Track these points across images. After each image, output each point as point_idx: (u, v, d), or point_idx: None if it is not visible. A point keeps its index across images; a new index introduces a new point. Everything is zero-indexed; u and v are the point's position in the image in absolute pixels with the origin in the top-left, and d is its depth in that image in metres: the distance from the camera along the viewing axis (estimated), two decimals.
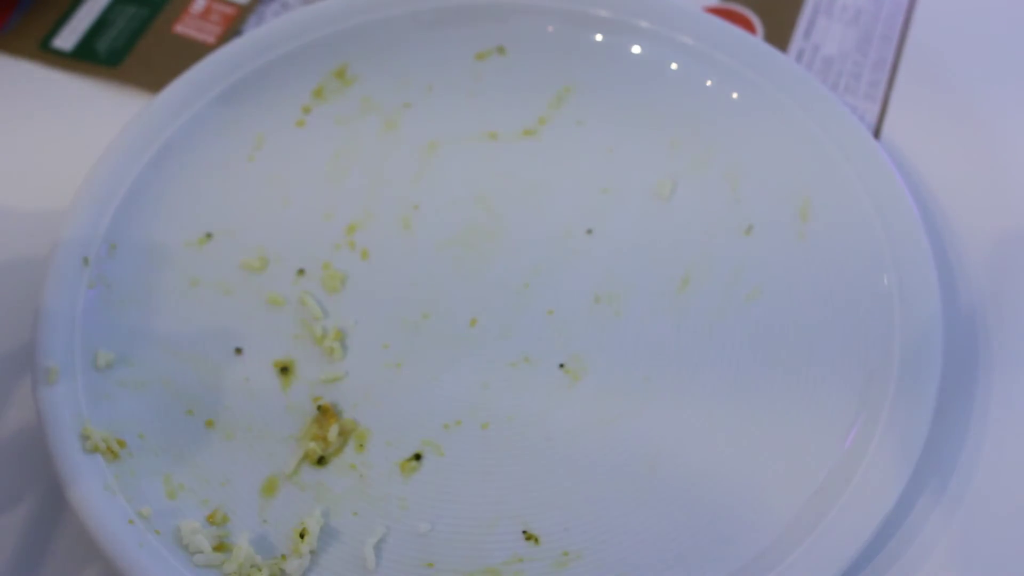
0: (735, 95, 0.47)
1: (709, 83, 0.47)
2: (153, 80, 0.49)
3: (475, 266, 0.44)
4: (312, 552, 0.37)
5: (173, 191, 0.45)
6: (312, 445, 0.39)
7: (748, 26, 0.51)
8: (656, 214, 0.45)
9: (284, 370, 0.41)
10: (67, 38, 0.51)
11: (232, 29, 0.51)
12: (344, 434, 0.40)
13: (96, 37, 0.51)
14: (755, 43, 0.47)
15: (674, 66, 0.47)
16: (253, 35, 0.47)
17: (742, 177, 0.45)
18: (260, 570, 0.36)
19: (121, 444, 0.38)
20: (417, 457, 0.40)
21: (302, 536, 0.37)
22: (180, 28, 0.51)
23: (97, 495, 0.36)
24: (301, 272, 0.44)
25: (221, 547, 0.37)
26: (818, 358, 0.41)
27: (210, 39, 0.51)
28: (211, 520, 0.38)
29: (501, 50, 0.49)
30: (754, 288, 0.43)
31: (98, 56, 0.50)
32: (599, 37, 0.48)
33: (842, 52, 0.51)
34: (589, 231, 0.45)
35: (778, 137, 0.45)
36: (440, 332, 0.42)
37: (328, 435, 0.40)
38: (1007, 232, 0.45)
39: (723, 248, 0.44)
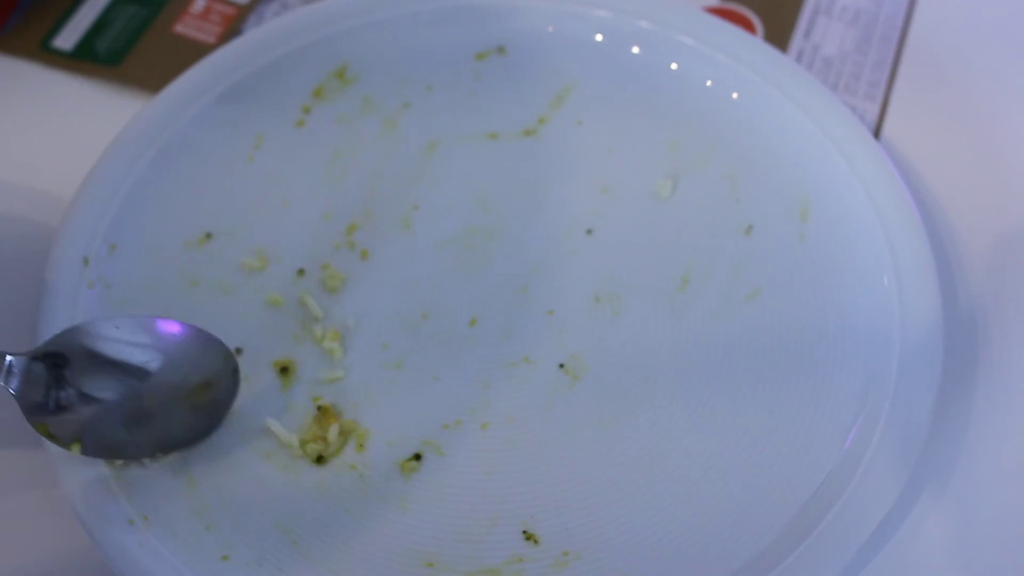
0: (735, 95, 0.47)
1: (709, 83, 0.47)
2: (153, 80, 0.49)
3: (475, 266, 0.44)
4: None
5: (173, 191, 0.45)
6: (312, 445, 0.39)
7: (748, 26, 0.51)
8: (656, 214, 0.45)
9: (284, 370, 0.41)
10: (67, 38, 0.51)
11: (232, 29, 0.51)
12: (344, 434, 0.40)
13: (96, 37, 0.51)
14: (755, 43, 0.47)
15: (674, 66, 0.47)
16: (253, 35, 0.47)
17: (742, 177, 0.45)
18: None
19: None
20: (417, 457, 0.40)
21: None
22: (180, 28, 0.51)
23: (97, 495, 0.36)
24: (301, 272, 0.44)
25: None
26: (818, 358, 0.41)
27: (210, 39, 0.51)
28: None
29: (501, 50, 0.49)
30: (754, 288, 0.43)
31: (98, 56, 0.50)
32: (599, 37, 0.48)
33: (842, 52, 0.51)
34: (589, 231, 0.45)
35: (778, 137, 0.45)
36: (440, 332, 0.42)
37: (328, 435, 0.40)
38: (1007, 232, 0.45)
39: (723, 248, 0.44)
